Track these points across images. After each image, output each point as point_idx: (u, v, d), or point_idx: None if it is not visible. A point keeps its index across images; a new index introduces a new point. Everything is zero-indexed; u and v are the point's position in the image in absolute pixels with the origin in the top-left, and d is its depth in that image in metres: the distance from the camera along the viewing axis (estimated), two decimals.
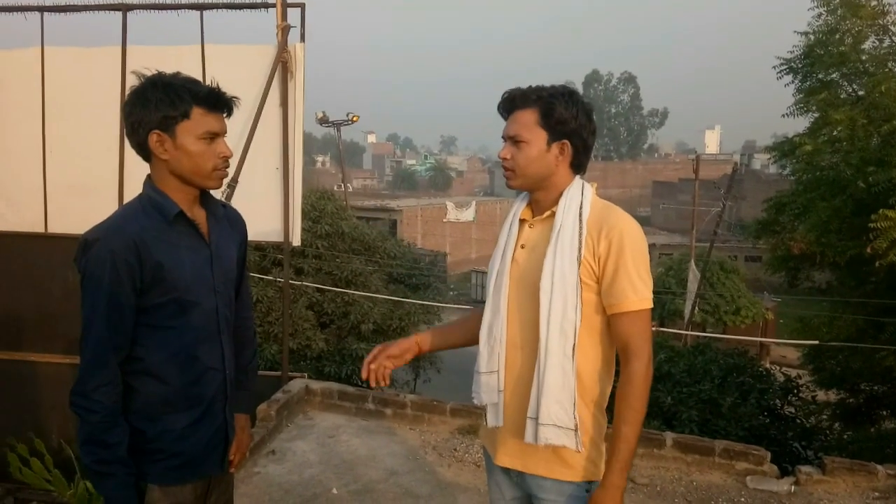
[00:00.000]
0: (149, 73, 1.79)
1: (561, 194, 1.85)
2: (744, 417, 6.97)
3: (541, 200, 1.90)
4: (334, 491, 3.91)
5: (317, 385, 5.18)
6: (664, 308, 20.31)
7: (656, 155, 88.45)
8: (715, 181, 28.80)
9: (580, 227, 1.79)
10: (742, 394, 7.49)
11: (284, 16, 4.64)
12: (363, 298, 11.99)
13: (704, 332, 18.14)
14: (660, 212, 50.09)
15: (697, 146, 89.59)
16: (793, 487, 4.00)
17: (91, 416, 1.71)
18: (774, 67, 9.60)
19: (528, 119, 1.83)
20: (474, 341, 2.11)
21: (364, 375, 2.05)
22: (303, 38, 4.71)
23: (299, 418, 4.92)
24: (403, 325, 12.64)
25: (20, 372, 5.05)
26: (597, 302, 1.80)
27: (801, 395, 8.40)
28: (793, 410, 8.17)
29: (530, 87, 1.87)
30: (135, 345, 1.78)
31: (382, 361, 2.05)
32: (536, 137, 1.82)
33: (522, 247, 1.90)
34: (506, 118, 1.90)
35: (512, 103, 1.87)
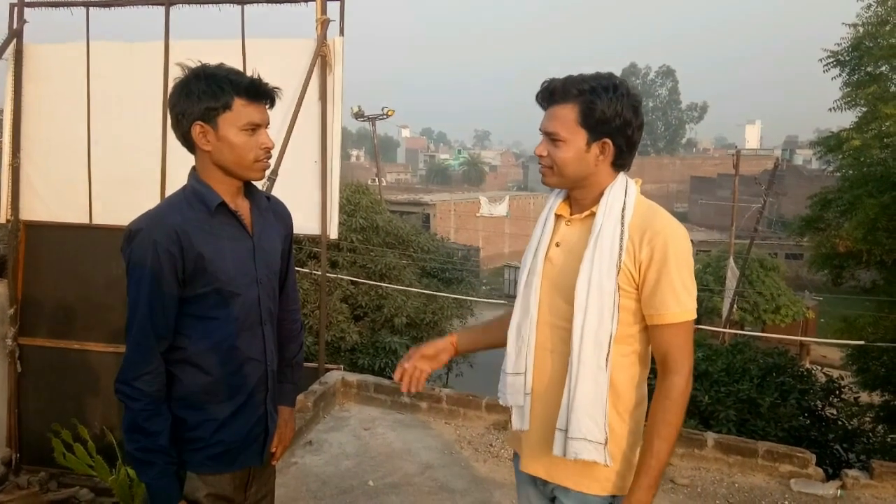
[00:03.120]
0: (193, 65, 1.78)
1: (602, 192, 1.72)
2: (783, 418, 6.81)
3: (580, 199, 1.77)
4: (370, 483, 3.92)
5: (353, 377, 5.20)
6: (702, 306, 19.94)
7: (694, 150, 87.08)
8: (755, 177, 28.16)
9: (621, 232, 1.66)
10: (782, 394, 7.31)
11: (324, 9, 4.66)
12: (397, 292, 12.01)
13: (743, 330, 17.81)
14: (697, 207, 49.25)
15: (737, 141, 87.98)
16: (839, 492, 3.89)
17: (134, 403, 1.72)
18: (821, 60, 9.35)
19: (566, 116, 1.67)
20: None
21: (397, 377, 1.94)
22: (342, 32, 4.73)
23: (335, 410, 4.95)
24: (436, 318, 12.62)
25: (64, 359, 5.18)
26: (635, 309, 1.68)
27: (843, 396, 8.17)
28: (834, 412, 7.96)
29: (571, 77, 1.70)
30: (178, 334, 1.78)
31: (417, 363, 1.94)
32: (575, 137, 1.67)
33: (557, 245, 1.77)
34: (545, 108, 1.74)
35: (551, 96, 1.71)
